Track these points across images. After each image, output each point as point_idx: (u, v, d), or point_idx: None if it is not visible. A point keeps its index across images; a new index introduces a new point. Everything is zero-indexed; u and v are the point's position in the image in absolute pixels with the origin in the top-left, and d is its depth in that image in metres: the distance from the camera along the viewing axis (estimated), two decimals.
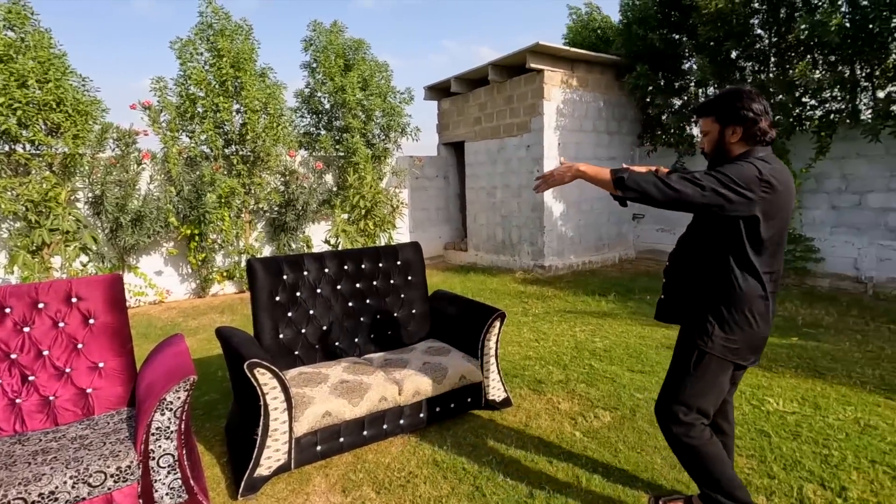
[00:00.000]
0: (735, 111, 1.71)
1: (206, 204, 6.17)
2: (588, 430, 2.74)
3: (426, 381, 2.60)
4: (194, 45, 6.39)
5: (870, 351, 3.81)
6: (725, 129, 1.76)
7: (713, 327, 1.73)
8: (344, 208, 7.12)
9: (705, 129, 1.83)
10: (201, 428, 2.89)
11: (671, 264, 1.95)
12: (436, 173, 9.18)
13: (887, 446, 2.48)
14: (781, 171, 1.68)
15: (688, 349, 1.80)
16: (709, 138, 1.82)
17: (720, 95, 1.80)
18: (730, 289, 1.71)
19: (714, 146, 1.81)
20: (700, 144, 1.90)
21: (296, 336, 2.79)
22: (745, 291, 1.70)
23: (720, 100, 1.78)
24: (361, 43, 7.59)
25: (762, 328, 1.73)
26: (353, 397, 2.39)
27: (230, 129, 6.62)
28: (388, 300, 3.12)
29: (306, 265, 2.88)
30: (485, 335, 2.81)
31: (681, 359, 1.84)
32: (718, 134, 1.78)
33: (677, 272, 1.91)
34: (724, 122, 1.76)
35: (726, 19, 6.01)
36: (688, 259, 1.87)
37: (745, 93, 1.73)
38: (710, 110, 1.80)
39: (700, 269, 1.80)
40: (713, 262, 1.75)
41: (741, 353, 1.75)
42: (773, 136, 1.73)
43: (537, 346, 4.23)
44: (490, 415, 2.92)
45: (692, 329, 1.80)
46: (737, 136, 1.73)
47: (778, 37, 6.22)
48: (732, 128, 1.74)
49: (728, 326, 1.72)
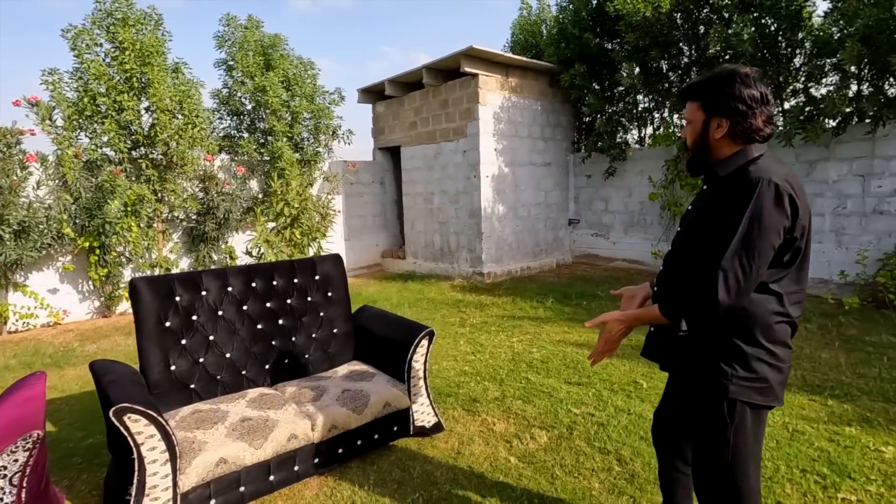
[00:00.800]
0: (723, 99, 1.38)
1: (106, 213, 5.50)
2: (524, 453, 2.56)
3: (344, 413, 2.31)
4: (91, 35, 5.70)
5: (792, 351, 3.91)
6: (711, 121, 1.42)
7: (732, 367, 1.38)
8: (268, 216, 6.63)
9: (689, 117, 1.48)
10: (76, 481, 2.42)
11: (660, 289, 1.54)
12: (372, 179, 8.85)
13: (815, 452, 2.47)
14: (791, 172, 1.37)
15: (714, 402, 1.42)
16: (691, 128, 1.48)
17: (712, 76, 1.44)
18: (747, 317, 1.36)
19: (697, 140, 1.47)
20: (681, 135, 1.56)
21: (191, 367, 2.40)
22: (767, 318, 1.37)
23: (710, 82, 1.43)
24: (278, 38, 7.14)
25: (788, 358, 1.42)
26: (255, 438, 2.05)
27: (137, 129, 5.97)
28: (304, 320, 2.80)
29: (205, 284, 2.50)
30: (412, 356, 2.56)
31: (711, 415, 1.44)
32: (702, 125, 1.44)
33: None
34: (710, 112, 1.42)
35: (651, 28, 6.18)
36: (686, 283, 1.43)
37: (740, 75, 1.38)
38: (696, 93, 1.46)
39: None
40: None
41: (772, 392, 1.40)
42: (770, 133, 1.40)
43: (474, 359, 4.03)
44: (420, 443, 2.67)
45: (706, 375, 1.43)
46: (721, 131, 1.40)
47: (698, 50, 6.48)
48: (718, 120, 1.41)
49: (749, 365, 1.37)
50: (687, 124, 1.50)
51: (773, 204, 1.28)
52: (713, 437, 1.45)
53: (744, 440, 1.42)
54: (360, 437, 2.41)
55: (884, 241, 5.22)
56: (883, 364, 3.56)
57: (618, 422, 2.85)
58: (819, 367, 3.57)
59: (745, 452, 1.42)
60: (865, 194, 5.35)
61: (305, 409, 2.30)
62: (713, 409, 1.43)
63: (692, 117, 1.47)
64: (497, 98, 7.15)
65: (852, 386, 3.22)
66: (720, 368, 1.39)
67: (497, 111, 7.16)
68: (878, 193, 5.27)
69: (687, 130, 1.50)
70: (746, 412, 1.40)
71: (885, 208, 5.23)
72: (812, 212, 5.88)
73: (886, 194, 5.21)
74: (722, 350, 1.40)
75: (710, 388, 1.42)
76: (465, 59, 6.67)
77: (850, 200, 5.46)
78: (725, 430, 1.42)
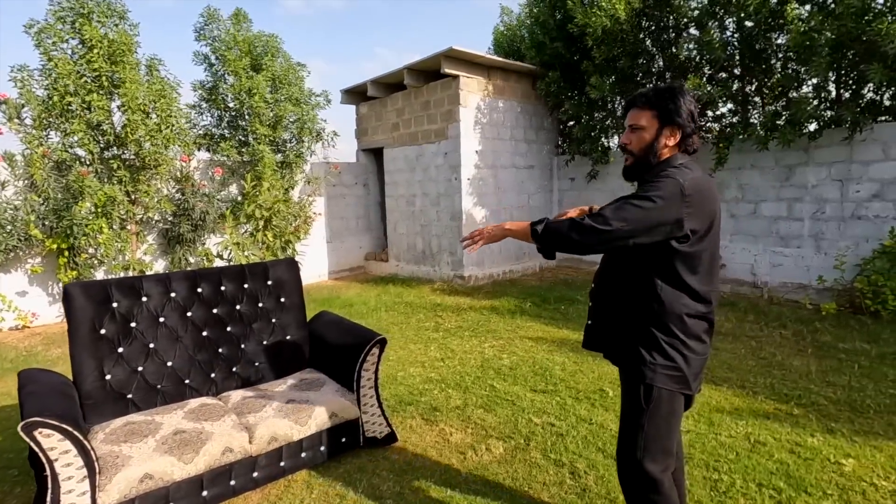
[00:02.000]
0: (680, 112, 1.49)
1: (74, 214, 5.39)
2: (476, 466, 2.48)
3: (286, 425, 2.22)
4: (56, 31, 5.55)
5: (763, 358, 3.86)
6: (664, 130, 1.52)
7: (651, 355, 1.51)
8: (238, 218, 6.52)
9: (639, 124, 1.53)
10: (7, 495, 2.33)
11: (597, 286, 1.71)
12: (354, 180, 8.76)
13: (774, 465, 2.41)
14: (704, 179, 1.49)
15: (633, 385, 1.56)
16: (640, 136, 1.54)
17: (667, 88, 1.53)
18: (662, 310, 1.49)
19: (646, 148, 1.54)
20: (625, 141, 1.58)
21: (129, 376, 2.31)
22: (680, 311, 1.49)
23: (667, 93, 1.51)
24: (273, 39, 7.02)
25: (702, 351, 1.54)
26: (185, 452, 1.96)
27: (108, 129, 5.85)
28: (255, 327, 2.71)
29: (145, 289, 2.41)
30: (361, 365, 2.48)
31: (630, 398, 1.58)
32: (656, 133, 1.53)
33: (604, 294, 1.68)
34: (664, 121, 1.51)
35: (616, 39, 6.11)
36: (614, 279, 1.63)
37: (688, 92, 1.54)
38: (651, 102, 1.53)
39: (629, 290, 1.57)
40: (642, 282, 1.52)
41: (686, 381, 1.52)
42: (697, 148, 1.58)
43: (442, 365, 3.95)
44: (371, 454, 2.58)
45: (629, 361, 1.57)
46: (673, 140, 1.52)
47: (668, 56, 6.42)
48: (672, 130, 1.51)
49: (665, 352, 1.50)
50: (634, 130, 1.56)
51: (671, 192, 1.42)
52: (630, 424, 1.57)
53: (656, 428, 1.53)
54: (305, 448, 2.33)
55: (862, 246, 5.18)
56: (853, 372, 3.51)
57: (577, 432, 2.78)
58: (789, 374, 3.51)
59: (657, 440, 1.53)
60: (844, 199, 5.32)
61: (245, 420, 2.21)
62: (632, 394, 1.56)
63: (644, 125, 1.54)
64: (478, 100, 7.09)
65: (820, 395, 3.16)
66: (640, 355, 1.53)
67: (478, 113, 7.10)
68: (856, 198, 5.24)
69: (634, 137, 1.56)
70: (662, 399, 1.51)
71: (863, 213, 5.19)
72: (791, 216, 5.85)
73: (864, 199, 5.18)
74: (642, 338, 1.53)
75: (632, 374, 1.56)
76: (446, 60, 6.60)
77: (828, 205, 5.42)
78: (641, 415, 1.54)
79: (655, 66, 6.58)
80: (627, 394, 1.59)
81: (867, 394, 3.15)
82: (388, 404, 3.23)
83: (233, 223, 6.19)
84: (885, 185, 5.05)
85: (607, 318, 1.65)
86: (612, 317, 1.64)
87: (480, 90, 7.10)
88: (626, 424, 1.59)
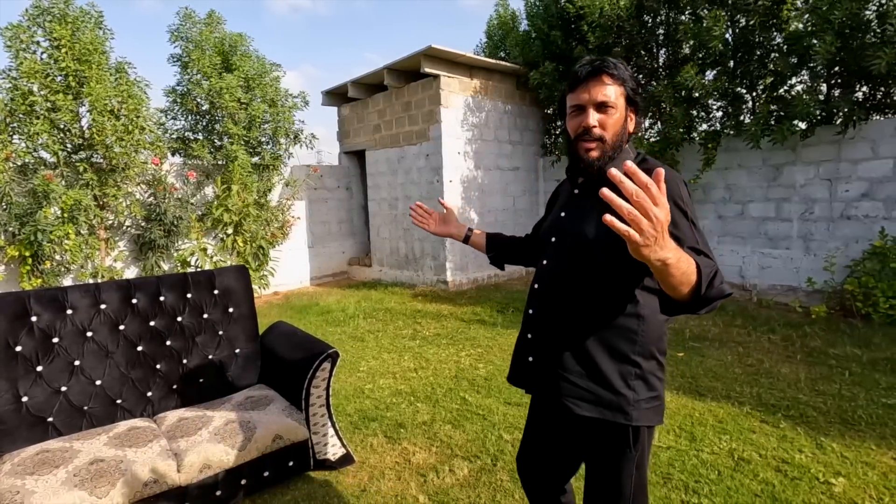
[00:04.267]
0: (637, 94, 1.24)
1: (38, 220, 5.16)
2: (437, 490, 2.28)
3: (221, 450, 2.01)
4: (28, 33, 5.37)
5: (750, 365, 3.69)
6: (628, 114, 1.24)
7: (633, 389, 1.21)
8: (205, 223, 6.30)
9: (610, 101, 1.19)
10: None
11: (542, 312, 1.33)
12: (337, 184, 8.56)
13: (758, 486, 2.22)
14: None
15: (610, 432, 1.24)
16: (613, 118, 1.20)
17: (620, 62, 1.23)
18: (644, 328, 1.22)
19: (620, 133, 1.22)
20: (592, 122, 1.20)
21: (50, 397, 2.10)
22: (660, 328, 1.25)
23: (625, 68, 1.23)
24: (241, 38, 6.84)
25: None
26: (98, 485, 1.75)
27: (75, 131, 5.64)
28: (198, 340, 2.50)
29: (70, 301, 2.20)
30: (310, 381, 2.27)
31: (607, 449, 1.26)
32: (626, 116, 1.23)
33: (559, 321, 1.29)
34: (630, 103, 1.24)
35: (612, 27, 5.98)
36: (576, 300, 1.27)
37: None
38: (621, 77, 1.20)
39: (602, 311, 1.24)
40: (619, 298, 1.22)
41: (663, 409, 1.28)
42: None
43: (414, 376, 3.75)
44: (324, 477, 2.38)
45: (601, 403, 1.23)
46: (633, 126, 1.26)
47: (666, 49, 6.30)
48: (632, 113, 1.25)
49: (649, 382, 1.23)
50: (604, 109, 1.20)
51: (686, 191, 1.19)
52: (613, 474, 1.26)
53: (644, 471, 1.27)
54: (246, 475, 2.11)
55: (851, 247, 5.03)
56: (844, 380, 3.33)
57: None
58: (777, 383, 3.33)
59: (644, 483, 1.28)
60: (832, 199, 5.17)
61: (176, 445, 2.00)
62: (614, 441, 1.25)
63: (615, 103, 1.20)
64: (461, 100, 6.91)
65: (809, 405, 2.98)
66: (621, 394, 1.22)
67: (461, 114, 6.92)
68: (845, 198, 5.09)
69: (606, 118, 1.20)
70: (647, 439, 1.26)
71: (852, 213, 5.04)
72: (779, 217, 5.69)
73: (853, 199, 5.03)
74: (621, 370, 1.23)
75: (610, 418, 1.23)
76: (426, 60, 6.43)
77: (817, 205, 5.27)
78: (630, 463, 1.24)
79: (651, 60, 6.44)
80: (602, 444, 1.27)
81: (858, 403, 2.97)
82: (351, 420, 3.02)
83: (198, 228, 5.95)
84: (874, 183, 4.90)
85: (563, 351, 1.27)
86: (573, 348, 1.26)
87: (463, 90, 6.93)
88: (606, 484, 1.27)
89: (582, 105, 1.22)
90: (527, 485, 1.54)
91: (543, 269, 1.36)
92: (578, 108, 1.23)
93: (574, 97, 1.23)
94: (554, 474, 1.48)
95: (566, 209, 1.35)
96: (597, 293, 1.24)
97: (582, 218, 1.28)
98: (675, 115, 5.69)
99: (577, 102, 1.23)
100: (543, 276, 1.36)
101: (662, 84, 5.78)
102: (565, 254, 1.31)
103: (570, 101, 1.25)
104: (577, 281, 1.27)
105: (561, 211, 1.37)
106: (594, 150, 1.22)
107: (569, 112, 1.26)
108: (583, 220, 1.27)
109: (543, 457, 1.47)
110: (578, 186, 1.33)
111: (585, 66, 1.21)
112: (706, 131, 6.01)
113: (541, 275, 1.37)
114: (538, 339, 1.35)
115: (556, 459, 1.45)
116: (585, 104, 1.21)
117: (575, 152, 1.26)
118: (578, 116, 1.23)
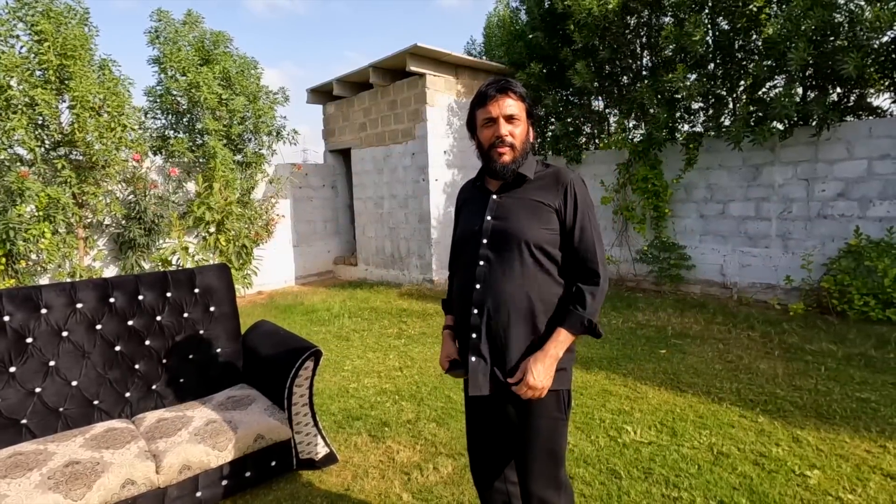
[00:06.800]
0: (535, 112, 1.46)
1: (10, 218, 5.03)
2: (421, 488, 2.27)
3: (201, 451, 1.98)
4: (7, 26, 5.22)
5: (730, 361, 3.75)
6: (529, 127, 1.45)
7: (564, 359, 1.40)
8: (186, 221, 6.21)
9: (517, 115, 1.37)
10: None
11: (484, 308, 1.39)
12: (322, 182, 8.50)
13: (737, 479, 2.26)
14: None
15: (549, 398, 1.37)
16: (519, 129, 1.39)
17: (515, 82, 1.42)
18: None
19: (525, 142, 1.41)
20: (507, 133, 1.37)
21: (23, 399, 2.05)
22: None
23: (521, 87, 1.41)
24: (221, 36, 6.75)
25: None
26: (74, 488, 1.71)
27: (54, 128, 5.51)
28: (178, 340, 2.46)
29: (45, 300, 2.15)
30: (293, 380, 2.25)
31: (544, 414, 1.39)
32: (528, 128, 1.44)
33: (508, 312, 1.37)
34: (530, 115, 1.44)
35: (598, 27, 6.03)
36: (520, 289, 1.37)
37: None
38: (522, 94, 1.40)
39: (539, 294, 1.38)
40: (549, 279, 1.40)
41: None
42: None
43: (399, 375, 3.74)
44: (308, 477, 2.36)
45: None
46: (532, 136, 1.46)
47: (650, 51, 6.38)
48: (532, 128, 1.46)
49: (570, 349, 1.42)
50: (512, 121, 1.38)
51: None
52: (548, 443, 1.41)
53: (567, 434, 1.46)
54: (227, 476, 2.09)
55: (828, 245, 5.15)
56: (820, 375, 3.41)
57: None
58: (755, 378, 3.40)
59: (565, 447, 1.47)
60: (810, 198, 5.28)
61: (154, 446, 1.97)
62: (549, 407, 1.40)
63: (521, 116, 1.40)
64: (447, 99, 6.91)
65: (786, 400, 3.04)
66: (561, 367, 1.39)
67: (447, 113, 6.92)
68: (822, 197, 5.20)
69: (514, 129, 1.39)
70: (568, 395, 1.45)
71: (828, 212, 5.16)
72: (759, 216, 5.79)
73: (830, 198, 5.15)
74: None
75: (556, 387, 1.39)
76: (411, 58, 6.41)
77: (795, 205, 5.38)
78: (560, 426, 1.41)
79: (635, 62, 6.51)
80: (540, 409, 1.38)
81: (833, 398, 3.05)
82: (336, 420, 3.01)
83: (180, 226, 5.87)
84: (850, 183, 5.02)
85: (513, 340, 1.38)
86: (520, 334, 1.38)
87: (448, 89, 6.93)
88: (544, 445, 1.40)
89: (493, 118, 1.38)
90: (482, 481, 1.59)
91: (481, 270, 1.41)
92: (490, 120, 1.39)
93: (484, 111, 1.39)
94: (501, 458, 1.56)
95: (491, 213, 1.44)
96: (535, 280, 1.38)
97: (508, 218, 1.41)
98: (658, 116, 5.76)
99: (488, 116, 1.38)
100: (483, 277, 1.41)
101: (646, 86, 5.86)
102: (503, 251, 1.39)
103: (480, 115, 1.41)
104: (519, 272, 1.38)
105: (486, 215, 1.44)
106: (506, 156, 1.38)
107: (480, 125, 1.42)
108: (511, 220, 1.40)
109: (492, 442, 1.55)
110: (497, 192, 1.45)
111: (493, 85, 1.39)
112: (688, 132, 6.11)
113: (479, 276, 1.41)
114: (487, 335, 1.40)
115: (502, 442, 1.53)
116: (497, 117, 1.37)
117: (489, 160, 1.41)
118: (491, 128, 1.39)
